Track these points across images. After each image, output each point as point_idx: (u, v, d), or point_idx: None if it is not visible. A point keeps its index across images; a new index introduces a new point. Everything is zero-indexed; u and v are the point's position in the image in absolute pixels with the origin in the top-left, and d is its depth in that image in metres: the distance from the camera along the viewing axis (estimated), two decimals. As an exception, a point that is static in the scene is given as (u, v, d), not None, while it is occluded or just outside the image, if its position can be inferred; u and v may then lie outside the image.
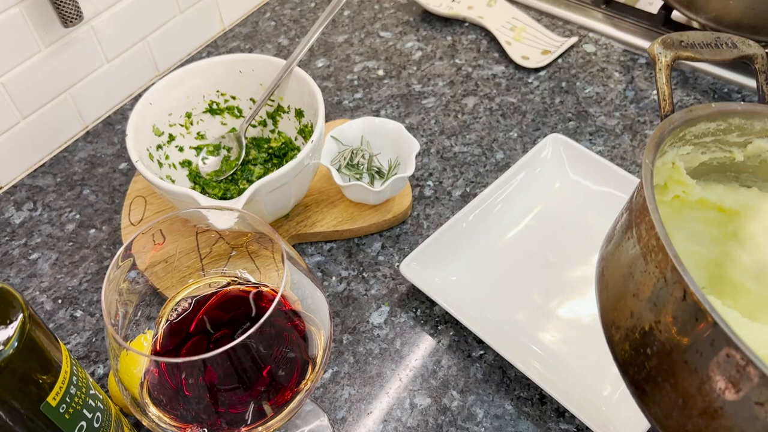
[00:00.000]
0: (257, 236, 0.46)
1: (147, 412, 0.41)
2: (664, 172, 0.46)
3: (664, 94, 0.44)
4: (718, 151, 0.47)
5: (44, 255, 0.70)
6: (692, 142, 0.45)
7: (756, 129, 0.45)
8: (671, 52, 0.44)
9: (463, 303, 0.60)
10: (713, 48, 0.46)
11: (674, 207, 0.48)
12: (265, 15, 0.97)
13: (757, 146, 0.46)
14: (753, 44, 0.46)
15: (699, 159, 0.47)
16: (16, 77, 0.73)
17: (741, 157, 0.47)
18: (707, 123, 0.44)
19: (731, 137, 0.46)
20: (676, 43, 0.45)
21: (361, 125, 0.71)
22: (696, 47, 0.45)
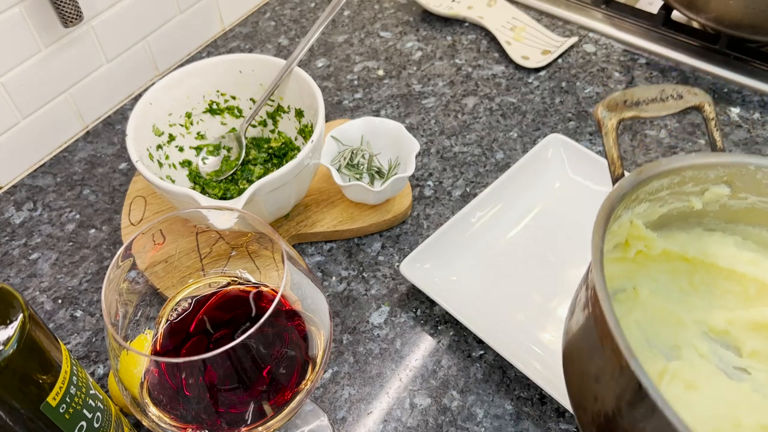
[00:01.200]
0: (257, 236, 0.46)
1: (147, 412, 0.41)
2: (623, 231, 0.46)
3: (612, 158, 0.43)
4: (676, 202, 0.47)
5: (44, 255, 0.70)
6: (647, 199, 0.45)
7: (711, 177, 0.45)
8: (616, 115, 0.44)
9: (463, 303, 0.60)
10: (659, 102, 0.45)
11: (638, 261, 0.48)
12: (265, 15, 0.97)
13: (714, 193, 0.46)
14: (699, 92, 0.46)
15: (658, 212, 0.47)
16: (16, 77, 0.73)
17: (700, 204, 0.47)
18: (660, 180, 0.44)
19: (687, 188, 0.45)
20: (620, 103, 0.44)
21: (361, 125, 0.71)
22: (641, 104, 0.45)
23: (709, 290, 0.47)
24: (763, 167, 0.44)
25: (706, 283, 0.47)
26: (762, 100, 0.79)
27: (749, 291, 0.46)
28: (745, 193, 0.46)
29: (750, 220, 0.48)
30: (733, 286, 0.47)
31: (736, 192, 0.46)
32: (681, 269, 0.48)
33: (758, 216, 0.47)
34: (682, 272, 0.48)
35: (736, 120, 0.77)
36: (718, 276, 0.47)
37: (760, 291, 0.46)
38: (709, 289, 0.47)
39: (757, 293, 0.46)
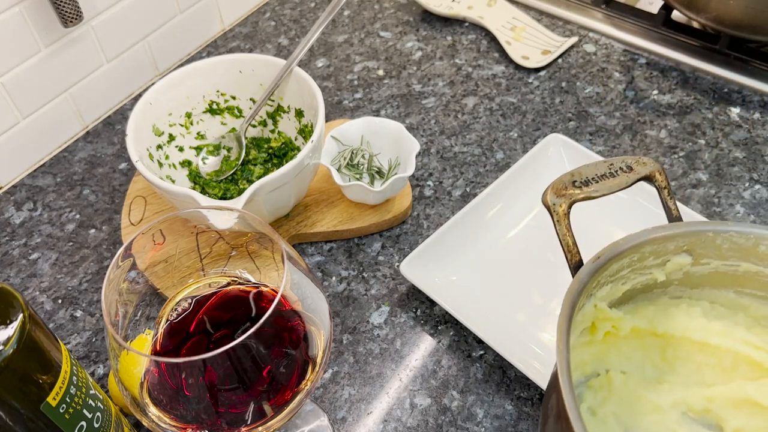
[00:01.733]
0: (257, 236, 0.46)
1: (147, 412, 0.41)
2: (588, 317, 0.45)
3: (567, 245, 0.42)
4: (639, 276, 0.46)
5: (44, 255, 0.70)
6: (609, 281, 0.45)
7: (670, 249, 0.44)
8: (566, 200, 0.43)
9: (463, 303, 0.60)
10: (609, 177, 0.44)
11: (608, 342, 0.47)
12: (265, 15, 0.97)
13: (675, 263, 0.45)
14: (648, 161, 0.45)
15: (621, 290, 0.46)
16: (16, 77, 0.73)
17: (663, 276, 0.46)
18: (619, 261, 0.43)
19: (648, 262, 0.45)
20: (568, 185, 0.43)
21: (361, 125, 0.71)
22: (590, 183, 0.43)
23: (684, 365, 0.47)
24: (721, 233, 0.44)
25: (680, 357, 0.47)
26: (762, 100, 0.79)
27: (724, 363, 0.46)
28: (707, 258, 0.45)
29: (715, 283, 0.48)
30: (707, 359, 0.46)
31: (698, 259, 0.46)
32: (652, 345, 0.47)
33: (723, 279, 0.47)
34: (653, 348, 0.47)
35: (736, 120, 0.77)
36: (690, 349, 0.46)
37: (735, 362, 0.45)
38: (684, 364, 0.47)
39: (733, 365, 0.45)
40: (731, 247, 0.44)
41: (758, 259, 0.45)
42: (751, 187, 0.71)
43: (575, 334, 0.45)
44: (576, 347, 0.46)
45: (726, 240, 0.44)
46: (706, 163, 0.73)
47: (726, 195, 0.70)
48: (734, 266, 0.46)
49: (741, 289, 0.47)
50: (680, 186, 0.71)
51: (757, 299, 0.47)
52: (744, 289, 0.47)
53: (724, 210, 0.69)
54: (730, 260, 0.45)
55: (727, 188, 0.71)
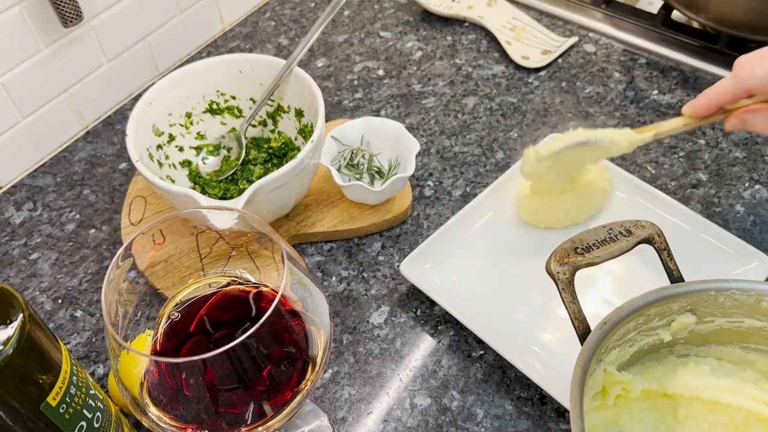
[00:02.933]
0: (257, 236, 0.46)
1: (147, 412, 0.41)
2: (598, 381, 0.46)
3: (574, 313, 0.43)
4: (645, 338, 0.47)
5: (44, 255, 0.70)
6: (616, 345, 0.45)
7: (674, 309, 0.45)
8: (569, 268, 0.43)
9: (463, 303, 0.60)
10: (609, 242, 0.45)
11: (620, 405, 0.47)
12: (265, 15, 0.97)
13: (680, 323, 0.46)
14: (646, 224, 0.46)
15: (629, 352, 0.47)
16: (16, 77, 0.73)
17: (668, 336, 0.47)
18: (625, 326, 0.43)
19: (653, 323, 0.46)
20: (570, 253, 0.44)
21: (361, 125, 0.71)
22: (591, 249, 0.44)
23: (697, 425, 0.47)
24: (723, 291, 0.44)
25: (692, 417, 0.47)
26: (762, 100, 0.79)
27: (737, 420, 0.46)
28: (711, 317, 0.46)
29: (721, 340, 0.48)
30: (719, 418, 0.46)
31: (702, 317, 0.46)
32: (664, 406, 0.48)
33: (728, 336, 0.48)
34: (665, 409, 0.48)
35: (736, 120, 0.77)
36: (702, 409, 0.47)
37: (747, 419, 0.46)
38: (697, 424, 0.47)
39: (745, 422, 0.46)
40: (734, 304, 0.45)
41: (761, 314, 0.45)
42: (751, 187, 0.71)
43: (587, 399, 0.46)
44: (588, 412, 0.46)
45: (728, 298, 0.45)
46: (706, 163, 0.73)
47: (726, 195, 0.70)
48: (738, 323, 0.46)
49: (747, 345, 0.48)
50: (680, 186, 0.71)
51: (763, 354, 0.47)
52: (750, 345, 0.48)
53: (724, 210, 0.69)
54: (734, 317, 0.46)
55: (727, 188, 0.71)
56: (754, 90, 0.54)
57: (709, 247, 0.62)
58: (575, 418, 0.36)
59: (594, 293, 0.62)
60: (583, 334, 0.42)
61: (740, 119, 0.57)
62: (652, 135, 0.59)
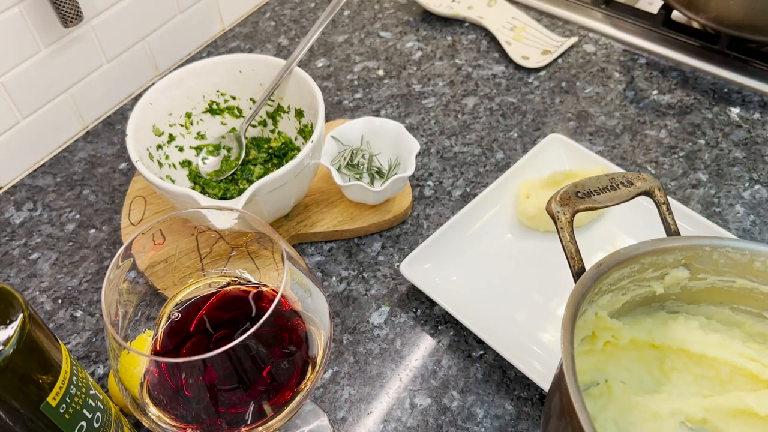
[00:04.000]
0: (257, 236, 0.46)
1: (147, 412, 0.41)
2: (589, 324, 0.46)
3: (570, 252, 0.44)
4: (638, 288, 0.47)
5: (44, 255, 0.70)
6: (609, 290, 0.46)
7: (669, 261, 0.46)
8: (569, 209, 0.44)
9: (463, 303, 0.60)
10: (610, 191, 0.46)
11: (607, 352, 0.48)
12: (265, 15, 0.97)
13: (673, 276, 0.47)
14: (647, 177, 0.47)
15: (621, 300, 0.47)
16: (16, 77, 0.73)
17: (661, 289, 0.47)
18: (620, 270, 0.44)
19: (647, 274, 0.46)
20: (572, 196, 0.45)
21: (361, 125, 0.71)
22: (593, 195, 0.45)
23: (682, 376, 0.47)
24: (718, 247, 0.45)
25: (677, 369, 0.48)
26: (762, 100, 0.79)
27: (722, 375, 0.46)
28: (704, 273, 0.46)
29: (711, 299, 0.48)
30: (705, 371, 0.47)
31: (695, 273, 0.46)
32: (651, 356, 0.48)
33: (719, 295, 0.48)
34: (652, 360, 0.48)
35: (736, 120, 0.77)
36: (688, 361, 0.47)
37: (732, 374, 0.46)
38: (682, 375, 0.47)
39: (730, 376, 0.46)
40: (727, 262, 0.45)
41: (753, 275, 0.45)
42: (751, 187, 0.71)
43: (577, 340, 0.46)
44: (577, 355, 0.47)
45: (722, 255, 0.45)
46: (706, 163, 0.73)
47: (726, 195, 0.70)
48: (730, 282, 0.47)
49: (737, 306, 0.48)
50: (680, 186, 0.71)
51: (752, 316, 0.48)
52: (739, 306, 0.48)
53: (724, 210, 0.69)
54: (726, 276, 0.46)
55: (727, 188, 0.71)
56: None
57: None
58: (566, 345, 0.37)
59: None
60: (578, 272, 0.43)
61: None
62: None
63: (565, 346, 0.37)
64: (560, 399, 0.39)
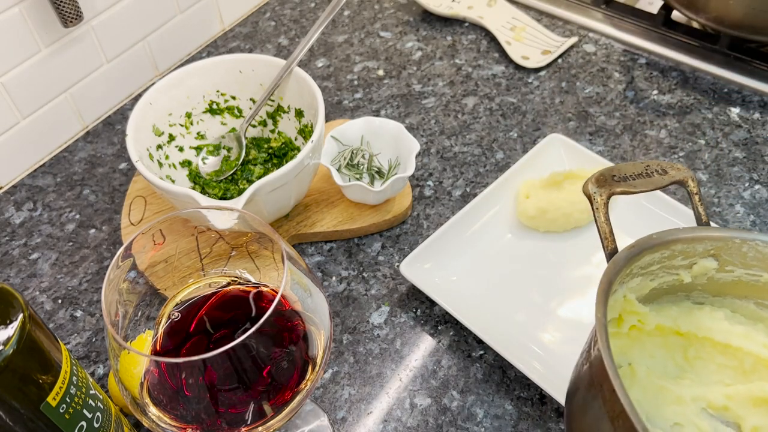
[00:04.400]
0: (257, 236, 0.46)
1: (147, 412, 0.41)
2: (617, 306, 0.47)
3: (605, 233, 0.44)
4: (666, 275, 0.48)
5: (44, 255, 0.70)
6: (640, 273, 0.46)
7: (698, 251, 0.46)
8: (606, 190, 0.45)
9: (463, 303, 0.60)
10: (645, 177, 0.46)
11: (633, 336, 0.48)
12: (265, 15, 0.97)
13: (702, 266, 0.47)
14: (682, 168, 0.47)
15: (649, 286, 0.48)
16: (16, 77, 0.73)
17: (688, 278, 0.48)
18: (651, 254, 0.44)
19: (676, 261, 0.46)
20: (609, 179, 0.45)
21: (361, 125, 0.71)
22: (629, 180, 0.46)
23: (705, 365, 0.48)
24: (747, 240, 0.45)
25: (701, 357, 0.48)
26: (762, 100, 0.79)
27: (745, 365, 0.47)
28: (732, 266, 0.47)
29: (737, 292, 0.49)
30: (728, 361, 0.47)
31: (723, 265, 0.47)
32: (675, 344, 0.48)
33: (745, 289, 0.48)
34: (676, 347, 0.48)
35: (736, 120, 0.77)
36: (712, 350, 0.47)
37: (755, 365, 0.46)
38: (705, 364, 0.48)
39: (753, 367, 0.46)
40: (756, 256, 0.46)
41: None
42: (751, 187, 0.71)
43: None
44: None
45: (752, 248, 0.45)
46: (706, 163, 0.73)
47: (726, 195, 0.70)
48: (757, 276, 0.47)
49: (762, 301, 0.48)
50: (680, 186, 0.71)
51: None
52: (765, 301, 0.48)
53: (724, 210, 0.69)
54: (754, 269, 0.46)
55: (727, 188, 0.71)
56: None
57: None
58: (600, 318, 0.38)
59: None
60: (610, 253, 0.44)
61: None
62: None
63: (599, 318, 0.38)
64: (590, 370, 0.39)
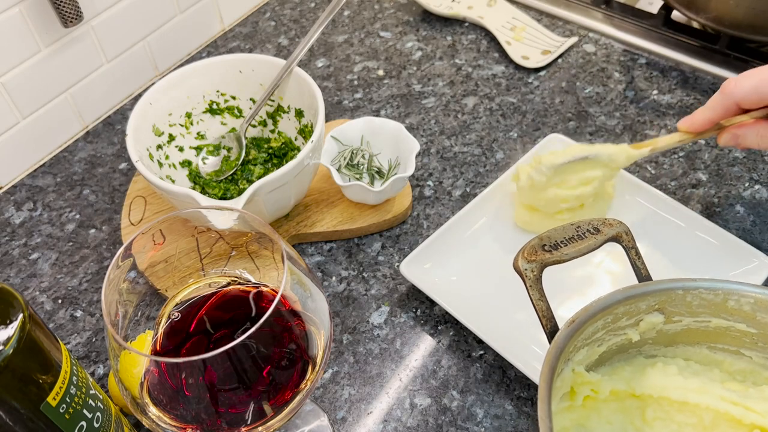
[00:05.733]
0: (257, 236, 0.46)
1: (147, 412, 0.41)
2: (566, 382, 0.46)
3: (542, 311, 0.43)
4: (614, 337, 0.47)
5: (44, 255, 0.70)
6: (585, 344, 0.45)
7: (642, 308, 0.45)
8: (536, 265, 0.43)
9: (463, 303, 0.60)
10: (577, 240, 0.45)
11: (588, 406, 0.47)
12: (265, 15, 0.97)
13: (648, 322, 0.46)
14: (614, 222, 0.46)
15: (597, 352, 0.47)
16: (16, 77, 0.73)
17: (637, 336, 0.47)
18: (594, 324, 0.43)
19: (621, 323, 0.46)
20: (539, 250, 0.44)
21: (361, 125, 0.71)
22: (559, 247, 0.44)
23: (665, 425, 0.47)
24: (690, 290, 0.44)
25: (660, 417, 0.47)
26: (762, 100, 0.79)
27: (705, 421, 0.46)
28: (679, 316, 0.46)
29: (688, 340, 0.48)
30: (688, 418, 0.46)
31: (670, 317, 0.46)
32: (632, 407, 0.48)
33: (695, 335, 0.48)
34: (633, 409, 0.48)
35: (736, 120, 0.77)
36: (670, 409, 0.47)
37: (715, 419, 0.46)
38: (665, 424, 0.47)
39: (713, 422, 0.46)
40: (701, 303, 0.45)
41: (728, 314, 0.45)
42: (751, 187, 0.71)
43: (555, 399, 0.45)
44: (557, 413, 0.46)
45: (695, 297, 0.45)
46: (706, 163, 0.73)
47: (726, 195, 0.70)
48: (705, 322, 0.46)
49: (714, 345, 0.48)
50: (680, 186, 0.71)
51: (730, 354, 0.48)
52: (717, 345, 0.48)
53: (724, 210, 0.69)
54: (701, 316, 0.46)
55: (727, 188, 0.71)
56: (742, 102, 0.56)
57: (709, 247, 0.62)
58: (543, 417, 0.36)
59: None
60: (551, 332, 0.42)
61: (732, 134, 0.59)
62: (648, 150, 0.62)
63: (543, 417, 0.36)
64: None
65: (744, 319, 0.45)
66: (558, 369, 0.40)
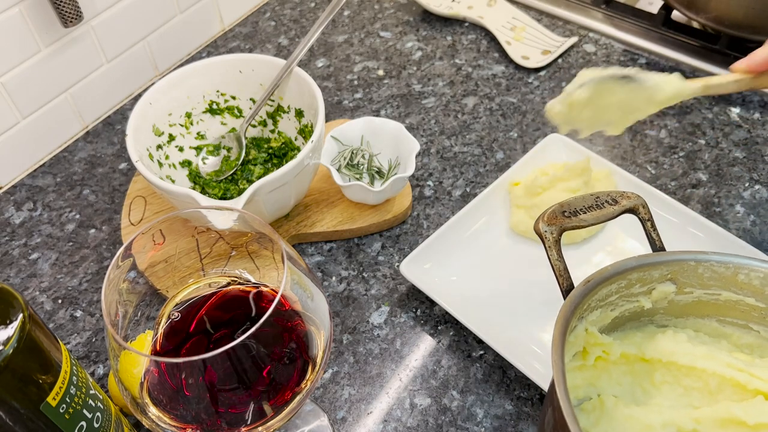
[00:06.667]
0: (257, 236, 0.46)
1: (147, 412, 0.41)
2: (579, 340, 0.47)
3: (559, 270, 0.45)
4: (626, 303, 0.48)
5: (44, 255, 0.70)
6: (598, 305, 0.47)
7: (655, 277, 0.47)
8: (556, 228, 0.46)
9: (463, 303, 0.60)
10: (596, 209, 0.47)
11: (599, 367, 0.49)
12: (265, 15, 0.97)
13: (660, 291, 0.48)
14: (632, 195, 0.48)
15: (610, 316, 0.48)
16: (16, 77, 0.73)
17: (649, 304, 0.48)
18: (608, 286, 0.45)
19: (634, 289, 0.47)
20: (559, 215, 0.46)
21: (361, 125, 0.71)
22: (578, 214, 0.47)
23: (672, 388, 0.48)
24: (702, 262, 0.46)
25: (668, 381, 0.48)
26: (762, 100, 0.79)
27: (710, 386, 0.47)
28: (690, 287, 0.48)
29: (698, 312, 0.49)
30: (694, 383, 0.48)
31: (682, 288, 0.48)
32: (641, 370, 0.49)
33: (705, 308, 0.49)
34: (642, 373, 0.49)
35: (736, 120, 0.77)
36: (678, 373, 0.48)
37: (720, 384, 0.47)
38: (672, 388, 0.48)
39: (718, 387, 0.47)
40: (712, 276, 0.46)
41: (738, 287, 0.47)
42: (751, 187, 0.71)
43: (568, 356, 0.47)
44: (569, 371, 0.48)
45: (707, 269, 0.46)
46: (706, 163, 0.73)
47: (726, 195, 0.70)
48: (716, 295, 0.48)
49: (723, 318, 0.49)
50: (680, 186, 0.71)
51: (738, 328, 0.49)
52: (726, 318, 0.49)
53: (724, 210, 0.69)
54: (712, 289, 0.47)
55: (727, 188, 0.71)
56: None
57: (709, 247, 0.62)
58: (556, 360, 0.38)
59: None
60: (567, 289, 0.44)
61: None
62: (701, 87, 0.56)
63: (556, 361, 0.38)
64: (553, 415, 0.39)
65: (753, 293, 0.46)
66: (571, 324, 0.42)
